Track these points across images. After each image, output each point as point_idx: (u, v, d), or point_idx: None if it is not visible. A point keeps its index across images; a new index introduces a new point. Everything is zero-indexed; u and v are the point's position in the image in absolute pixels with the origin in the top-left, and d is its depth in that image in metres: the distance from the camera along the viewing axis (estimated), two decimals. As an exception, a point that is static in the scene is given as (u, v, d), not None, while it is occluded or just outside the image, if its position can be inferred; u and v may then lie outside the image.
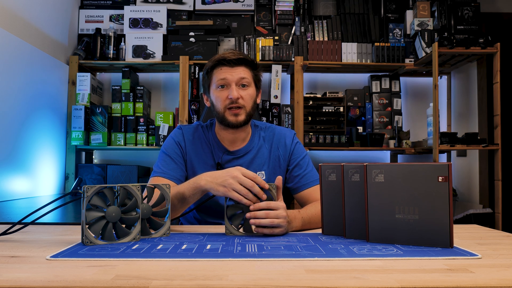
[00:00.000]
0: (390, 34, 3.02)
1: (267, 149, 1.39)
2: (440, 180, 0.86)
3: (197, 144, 1.36)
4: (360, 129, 3.02)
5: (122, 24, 3.04)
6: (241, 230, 1.05)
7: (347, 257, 0.79)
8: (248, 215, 1.01)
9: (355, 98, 3.10)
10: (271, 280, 0.64)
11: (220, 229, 1.12)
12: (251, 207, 1.01)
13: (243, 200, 1.02)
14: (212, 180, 1.07)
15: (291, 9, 3.01)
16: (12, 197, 2.15)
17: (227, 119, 1.28)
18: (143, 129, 2.86)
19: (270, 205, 1.01)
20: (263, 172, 1.36)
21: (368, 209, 0.93)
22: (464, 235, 1.07)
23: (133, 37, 2.92)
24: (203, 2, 3.05)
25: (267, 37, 2.92)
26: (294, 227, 1.10)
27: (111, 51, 2.88)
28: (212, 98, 1.32)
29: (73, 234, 1.04)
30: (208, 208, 1.34)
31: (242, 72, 1.29)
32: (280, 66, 2.88)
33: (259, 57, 2.88)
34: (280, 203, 1.03)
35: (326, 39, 3.00)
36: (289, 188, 1.40)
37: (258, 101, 1.37)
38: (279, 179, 1.06)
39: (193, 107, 2.81)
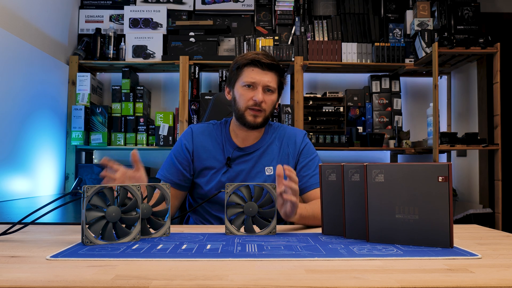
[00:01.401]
0: (390, 34, 3.02)
1: (277, 146, 1.41)
2: (440, 180, 0.86)
3: (207, 141, 1.41)
4: (360, 129, 3.02)
5: (122, 24, 3.04)
6: (242, 230, 1.06)
7: (347, 257, 0.79)
8: (286, 183, 1.04)
9: (355, 98, 3.10)
10: (271, 280, 0.64)
11: (220, 229, 1.12)
12: (286, 183, 1.04)
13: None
14: None
15: (291, 9, 3.01)
16: (12, 197, 2.15)
17: (246, 118, 1.33)
18: (143, 129, 2.86)
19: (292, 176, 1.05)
20: (271, 167, 1.39)
21: (368, 209, 0.93)
22: (464, 235, 1.07)
23: (133, 37, 2.92)
24: (203, 2, 3.05)
25: (267, 37, 2.92)
26: (299, 214, 1.12)
27: (111, 51, 2.88)
28: (236, 94, 1.35)
29: (73, 234, 1.03)
30: (214, 202, 1.37)
31: (271, 78, 1.33)
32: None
33: (259, 57, 2.88)
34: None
35: (326, 39, 3.00)
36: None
37: (276, 107, 1.40)
38: (279, 168, 1.06)
39: (193, 107, 2.81)
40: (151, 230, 1.01)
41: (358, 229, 0.97)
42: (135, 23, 2.96)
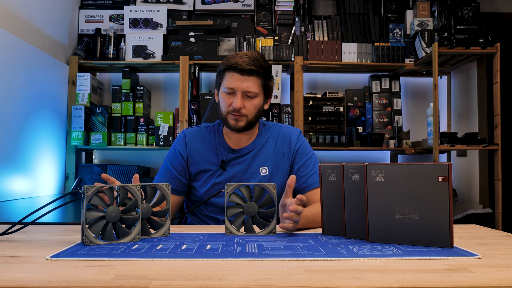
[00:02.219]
0: (390, 34, 3.02)
1: (272, 146, 1.41)
2: (440, 180, 0.86)
3: (200, 145, 1.40)
4: (360, 129, 3.02)
5: (122, 24, 3.04)
6: (242, 230, 1.06)
7: (347, 257, 0.79)
8: (286, 215, 1.02)
9: (355, 98, 3.10)
10: (271, 280, 0.64)
11: (220, 229, 1.12)
12: (291, 208, 1.01)
13: None
14: None
15: (291, 9, 3.01)
16: (12, 197, 2.15)
17: (228, 122, 1.33)
18: (143, 129, 2.86)
19: (303, 199, 1.03)
20: (266, 167, 1.38)
21: (368, 209, 0.93)
22: (464, 235, 1.07)
23: (133, 37, 2.92)
24: (203, 2, 3.05)
25: (267, 37, 2.91)
26: (299, 224, 1.11)
27: (111, 51, 2.88)
28: (220, 98, 1.36)
29: (73, 234, 1.04)
30: (209, 203, 1.37)
31: (251, 83, 1.29)
32: (280, 66, 2.88)
33: (259, 57, 2.88)
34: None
35: (326, 39, 3.00)
36: (294, 189, 1.40)
37: (266, 107, 1.41)
38: (292, 178, 1.06)
39: (193, 107, 2.81)
40: (151, 230, 1.01)
41: (358, 229, 0.97)
42: (135, 23, 2.96)
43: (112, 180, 1.09)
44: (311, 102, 2.97)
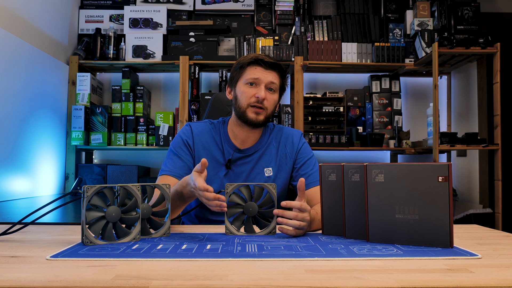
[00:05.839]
0: (390, 34, 3.02)
1: (275, 147, 1.42)
2: (440, 180, 0.86)
3: (206, 141, 1.39)
4: (360, 129, 3.02)
5: (122, 24, 3.04)
6: (242, 230, 1.06)
7: (347, 257, 0.79)
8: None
9: (355, 98, 3.10)
10: (271, 280, 0.64)
11: (220, 229, 1.12)
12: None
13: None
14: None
15: (291, 9, 3.01)
16: (12, 197, 2.15)
17: (248, 116, 1.32)
18: (143, 129, 2.86)
19: (302, 206, 1.01)
20: (270, 168, 1.39)
21: (368, 209, 0.93)
22: (464, 235, 1.07)
23: (133, 37, 2.92)
24: (203, 2, 3.05)
25: (267, 37, 2.91)
26: (313, 227, 1.10)
27: (111, 51, 2.88)
28: (238, 92, 1.35)
29: (73, 234, 1.04)
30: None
31: (274, 77, 1.34)
32: (280, 66, 2.88)
33: (259, 57, 2.88)
34: (308, 206, 1.04)
35: (326, 39, 3.00)
36: (295, 187, 1.41)
37: (277, 109, 1.40)
38: (301, 182, 1.04)
39: (193, 107, 2.81)
40: (151, 230, 1.01)
41: (358, 229, 0.97)
42: (135, 23, 2.96)
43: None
44: (311, 102, 2.97)
